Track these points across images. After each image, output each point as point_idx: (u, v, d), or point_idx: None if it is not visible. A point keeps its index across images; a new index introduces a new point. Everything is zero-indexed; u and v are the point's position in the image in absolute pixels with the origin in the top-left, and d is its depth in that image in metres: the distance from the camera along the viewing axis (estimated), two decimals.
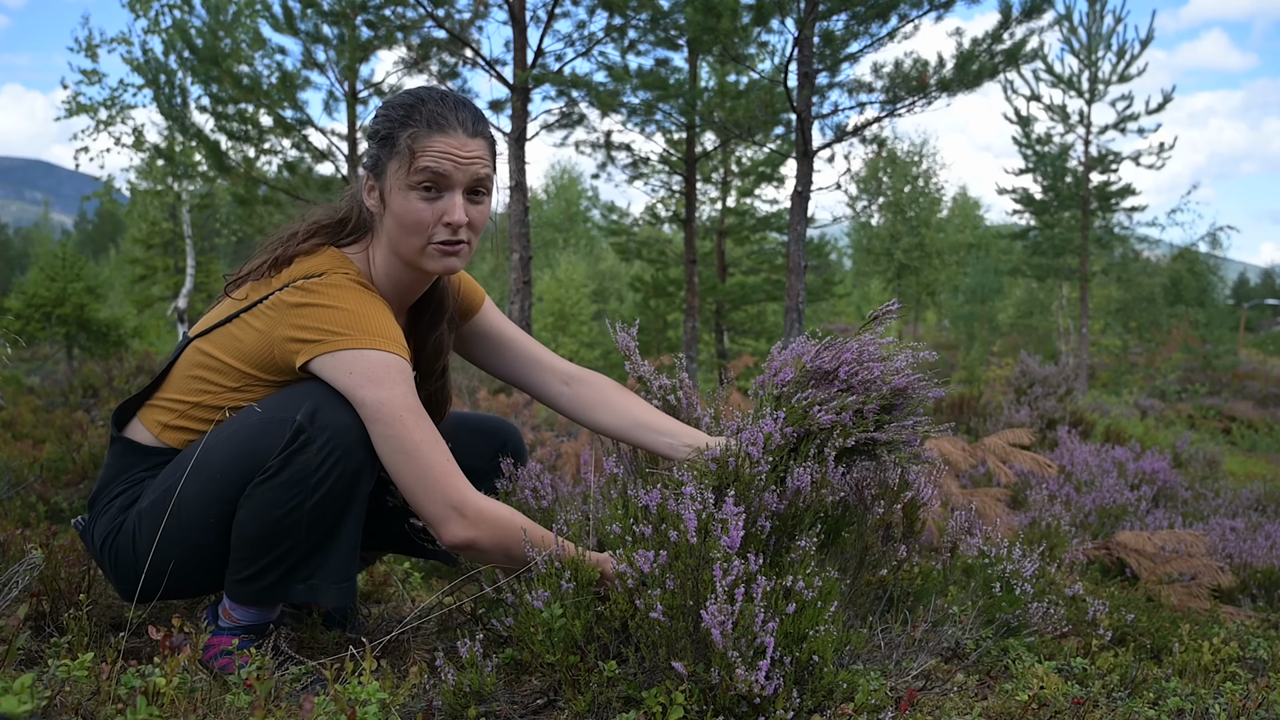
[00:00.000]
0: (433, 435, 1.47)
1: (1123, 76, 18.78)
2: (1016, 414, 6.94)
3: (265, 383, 1.55)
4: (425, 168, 1.51)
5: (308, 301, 1.49)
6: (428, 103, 1.54)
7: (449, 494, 1.45)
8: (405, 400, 1.46)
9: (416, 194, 1.53)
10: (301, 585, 1.50)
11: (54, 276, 14.70)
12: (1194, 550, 3.64)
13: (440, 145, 1.52)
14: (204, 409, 1.57)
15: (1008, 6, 7.62)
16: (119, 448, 1.63)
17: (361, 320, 1.48)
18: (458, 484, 1.46)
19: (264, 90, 10.41)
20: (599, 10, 10.19)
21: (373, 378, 1.44)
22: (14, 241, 57.03)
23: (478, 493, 1.49)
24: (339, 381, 1.46)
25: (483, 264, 34.53)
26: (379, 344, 1.47)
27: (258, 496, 1.44)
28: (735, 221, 18.02)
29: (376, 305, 1.52)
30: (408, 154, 1.52)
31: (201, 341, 1.59)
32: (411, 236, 1.55)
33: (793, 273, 7.81)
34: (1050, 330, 28.86)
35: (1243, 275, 68.43)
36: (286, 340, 1.49)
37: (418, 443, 1.45)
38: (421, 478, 1.45)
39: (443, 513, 1.45)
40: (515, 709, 1.48)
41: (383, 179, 1.57)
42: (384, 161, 1.56)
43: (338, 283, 1.51)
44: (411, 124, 1.53)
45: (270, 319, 1.51)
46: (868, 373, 1.64)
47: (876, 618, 1.91)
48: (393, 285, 1.65)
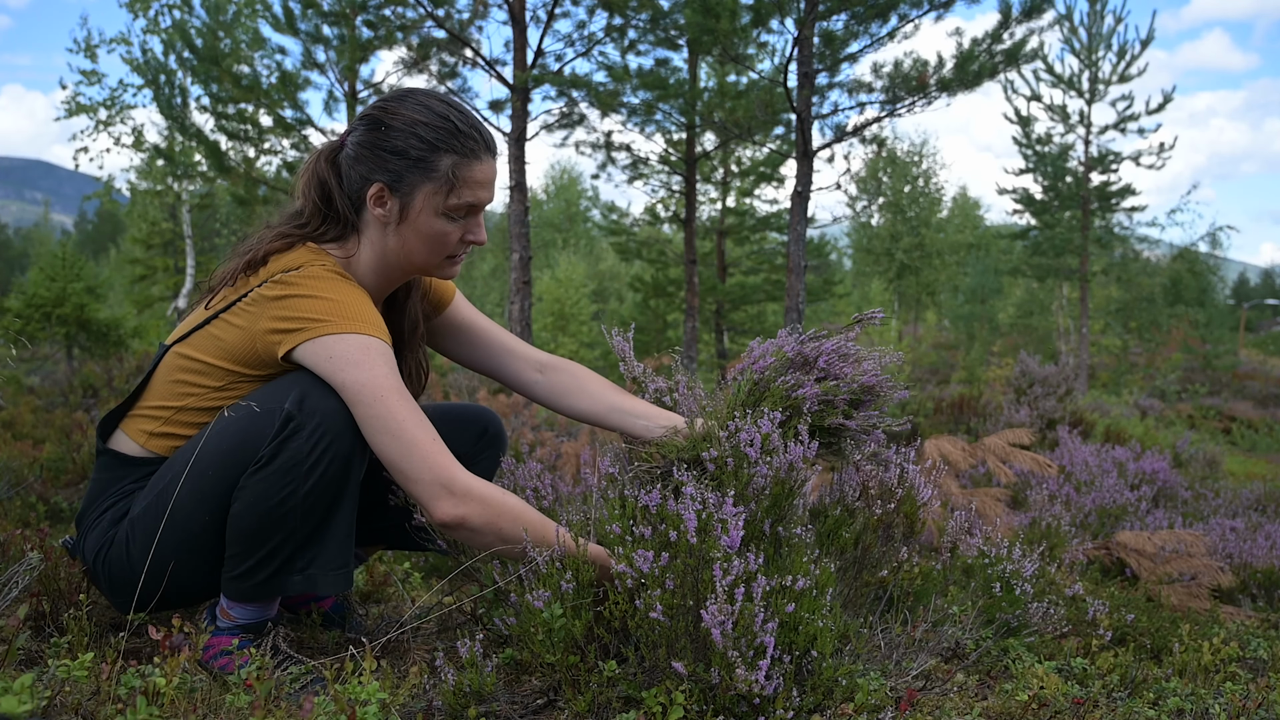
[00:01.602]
0: (417, 414, 1.47)
1: (1123, 76, 18.78)
2: (1016, 414, 6.94)
3: (249, 379, 1.55)
4: (468, 203, 1.58)
5: (287, 293, 1.49)
6: (463, 129, 1.56)
7: (437, 471, 1.45)
8: (388, 380, 1.46)
9: (446, 218, 1.58)
10: (298, 576, 1.50)
11: (54, 276, 14.69)
12: (1194, 550, 3.64)
13: (479, 176, 1.58)
14: (189, 412, 1.58)
15: (1008, 6, 7.62)
16: (105, 461, 1.63)
17: (340, 307, 1.49)
18: (445, 461, 1.47)
19: (264, 90, 10.40)
20: (599, 10, 10.19)
21: (353, 360, 1.46)
22: (14, 241, 57.05)
23: (467, 471, 1.49)
24: (320, 367, 1.47)
25: (483, 264, 34.54)
26: (359, 328, 1.48)
27: (251, 488, 1.45)
28: (735, 221, 18.03)
29: (355, 292, 1.53)
30: (449, 182, 1.55)
31: (180, 346, 1.59)
32: (432, 254, 1.61)
33: (793, 273, 7.81)
34: (1050, 330, 28.86)
35: (1243, 275, 68.45)
36: (268, 332, 1.50)
37: (401, 421, 1.45)
38: (408, 455, 1.45)
39: (432, 490, 1.45)
40: (515, 709, 1.48)
41: (409, 197, 1.57)
42: (412, 181, 1.55)
43: (315, 274, 1.52)
44: (451, 151, 1.55)
45: (251, 314, 1.52)
46: (844, 365, 1.76)
47: (876, 618, 1.92)
48: (377, 280, 1.66)
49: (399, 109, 1.57)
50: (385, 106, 1.58)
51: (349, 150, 1.60)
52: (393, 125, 1.56)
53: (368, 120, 1.59)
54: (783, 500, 1.60)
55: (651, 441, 1.72)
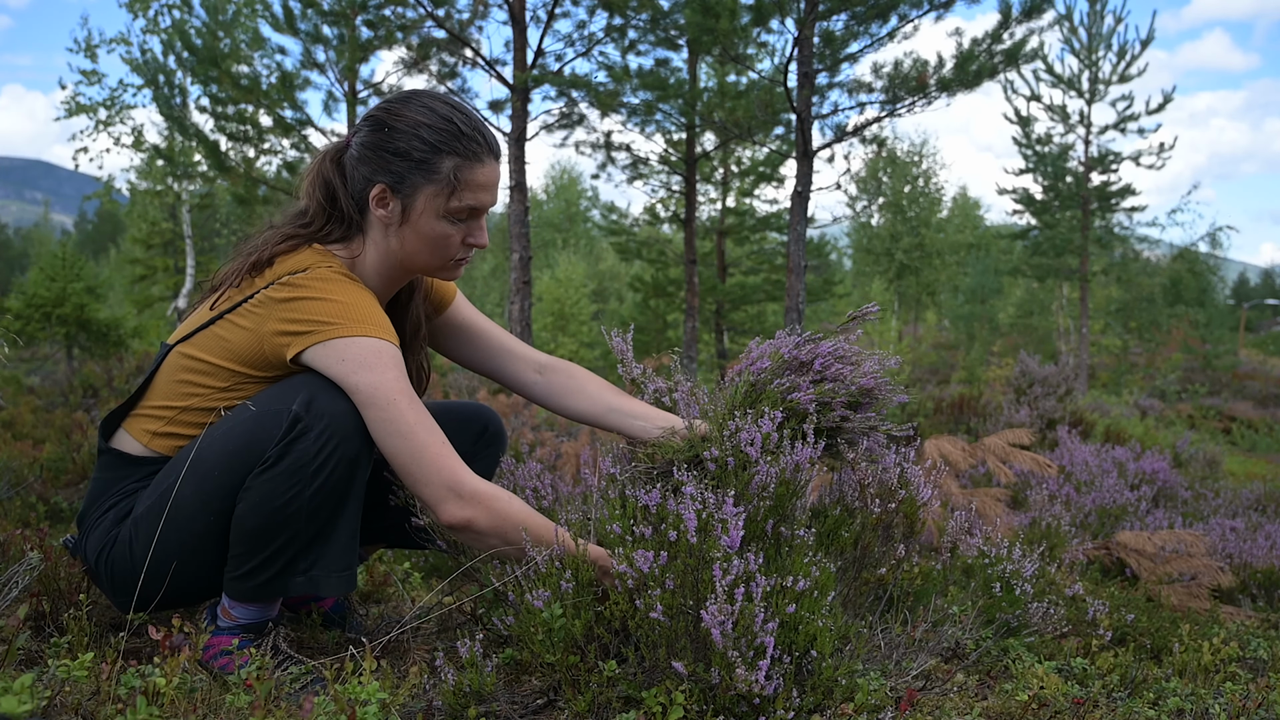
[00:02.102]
0: (426, 418, 1.49)
1: (1123, 77, 18.77)
2: (1016, 414, 6.94)
3: (255, 379, 1.55)
4: (469, 206, 1.58)
5: (295, 295, 1.49)
6: (466, 131, 1.56)
7: (445, 475, 1.47)
8: (398, 384, 1.47)
9: (448, 220, 1.58)
10: (301, 578, 1.50)
11: (54, 276, 14.69)
12: (1194, 550, 3.64)
13: (482, 179, 1.58)
14: (193, 412, 1.57)
15: (1008, 6, 7.62)
16: (107, 460, 1.63)
17: (350, 310, 1.49)
18: (453, 465, 1.48)
19: (264, 90, 10.41)
20: (599, 10, 10.19)
21: (365, 363, 1.46)
22: (14, 241, 57.02)
23: (473, 474, 1.50)
24: (331, 370, 1.47)
25: (483, 264, 34.54)
26: (369, 331, 1.48)
27: (257, 488, 1.44)
28: (735, 221, 18.03)
29: (363, 295, 1.54)
30: (450, 184, 1.55)
31: (184, 346, 1.59)
32: (435, 256, 1.62)
33: (793, 273, 7.81)
34: (1050, 330, 28.87)
35: (1243, 275, 68.44)
36: (276, 334, 1.50)
37: (412, 425, 1.46)
38: (418, 459, 1.46)
39: (440, 493, 1.47)
40: (515, 709, 1.48)
41: (411, 199, 1.57)
42: (414, 182, 1.56)
43: (324, 275, 1.52)
44: (453, 154, 1.55)
45: (258, 316, 1.51)
46: (842, 366, 1.76)
47: (876, 618, 1.91)
48: (382, 282, 1.66)
49: (403, 110, 1.57)
50: (389, 108, 1.58)
51: (353, 151, 1.60)
52: (396, 127, 1.56)
53: (372, 121, 1.59)
54: (786, 501, 1.60)
55: (649, 442, 1.73)
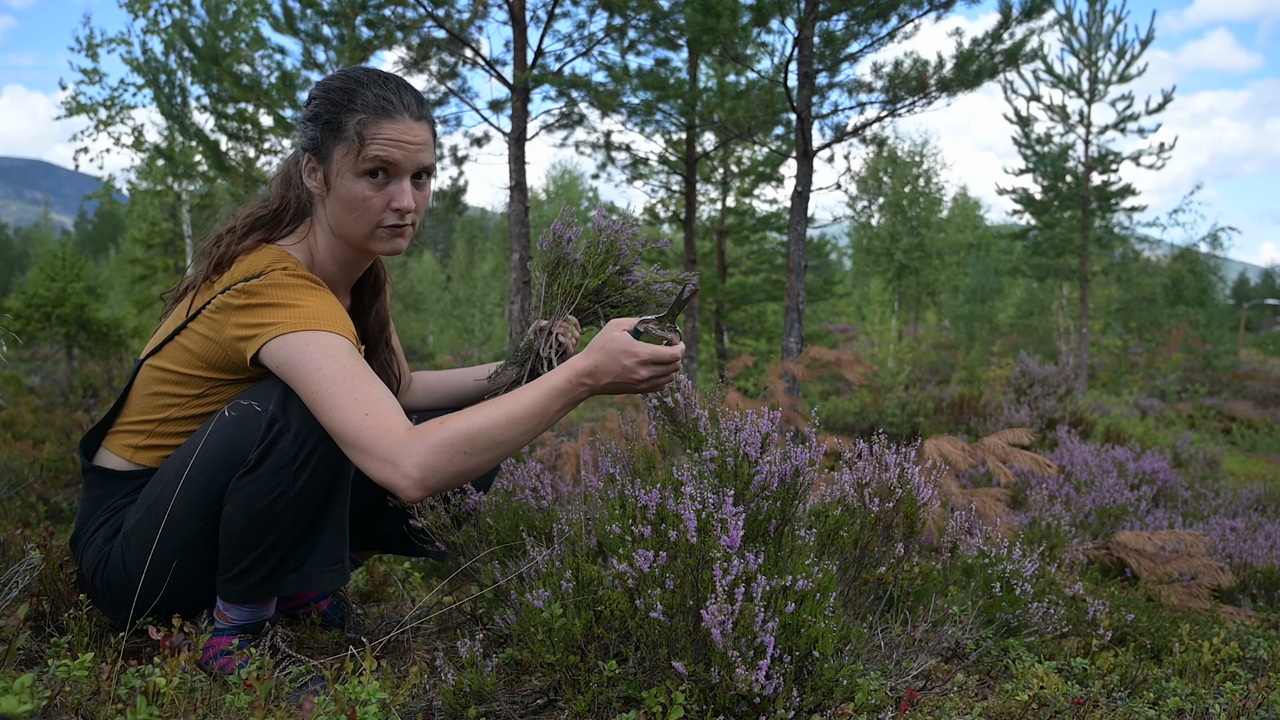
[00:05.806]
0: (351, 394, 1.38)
1: (1123, 76, 18.77)
2: (1016, 414, 6.94)
3: (228, 383, 1.54)
4: (375, 156, 1.51)
5: (250, 302, 1.48)
6: (370, 86, 1.53)
7: (381, 444, 1.34)
8: (341, 371, 1.40)
9: (365, 181, 1.53)
10: (293, 575, 1.50)
11: (54, 276, 14.69)
12: (1194, 550, 3.64)
13: (389, 133, 1.51)
14: (173, 423, 1.57)
15: (1008, 6, 7.61)
16: (93, 479, 1.63)
17: (304, 310, 1.47)
18: (385, 438, 1.35)
19: (264, 90, 10.40)
20: (599, 10, 10.18)
21: (312, 357, 1.43)
22: (14, 241, 57.02)
23: (409, 433, 1.36)
24: (282, 368, 1.44)
25: (483, 264, 34.52)
26: (320, 325, 1.44)
27: (241, 491, 1.44)
28: (735, 221, 18.02)
29: (319, 294, 1.51)
30: (356, 141, 1.51)
31: (154, 359, 1.59)
32: (359, 222, 1.56)
33: (793, 273, 7.81)
34: (1050, 330, 28.85)
35: (1243, 275, 68.43)
36: (235, 340, 1.48)
37: (344, 402, 1.37)
38: (353, 442, 1.36)
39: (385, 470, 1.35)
40: (515, 709, 1.48)
41: (327, 163, 1.55)
42: (328, 145, 1.53)
43: (278, 280, 1.49)
44: (357, 109, 1.51)
45: (216, 323, 1.50)
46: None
47: (876, 617, 1.91)
48: (336, 266, 1.64)
49: (322, 81, 1.58)
50: (317, 82, 1.60)
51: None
52: (313, 95, 1.57)
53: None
54: (788, 504, 1.59)
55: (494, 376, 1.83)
